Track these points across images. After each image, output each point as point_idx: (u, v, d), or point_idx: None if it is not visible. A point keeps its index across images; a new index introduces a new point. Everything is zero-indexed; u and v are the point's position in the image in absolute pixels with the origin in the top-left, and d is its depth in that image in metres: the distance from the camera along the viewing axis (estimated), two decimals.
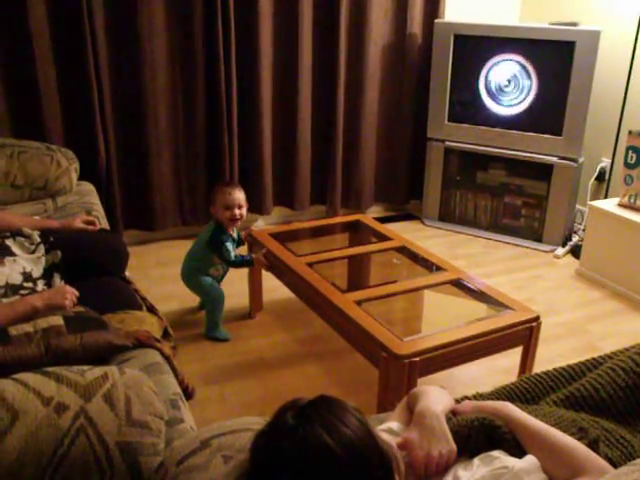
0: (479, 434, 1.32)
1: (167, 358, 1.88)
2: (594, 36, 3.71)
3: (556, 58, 3.89)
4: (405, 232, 4.20)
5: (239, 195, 2.95)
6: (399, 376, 2.09)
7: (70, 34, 3.41)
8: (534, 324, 2.37)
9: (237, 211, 2.93)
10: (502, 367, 2.79)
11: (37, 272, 2.15)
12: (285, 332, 3.09)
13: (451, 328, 2.27)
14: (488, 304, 2.54)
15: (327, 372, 2.78)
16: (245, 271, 3.18)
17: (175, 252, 3.90)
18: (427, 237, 4.33)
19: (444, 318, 2.66)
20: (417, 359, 2.10)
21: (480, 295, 2.60)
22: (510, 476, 1.19)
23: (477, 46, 4.13)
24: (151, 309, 2.27)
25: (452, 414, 1.40)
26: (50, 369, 1.36)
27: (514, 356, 2.50)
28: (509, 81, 4.08)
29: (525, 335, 2.37)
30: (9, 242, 2.18)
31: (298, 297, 2.81)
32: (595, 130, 4.12)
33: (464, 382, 2.74)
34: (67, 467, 1.20)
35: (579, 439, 1.30)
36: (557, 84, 3.91)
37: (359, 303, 2.43)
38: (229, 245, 2.94)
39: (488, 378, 2.74)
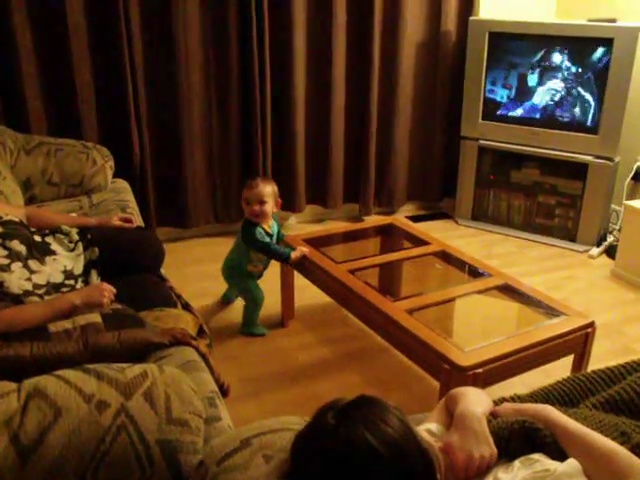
0: (520, 437, 1.30)
1: (203, 356, 1.89)
2: (633, 32, 3.65)
3: (593, 55, 3.84)
4: (438, 231, 4.19)
5: (261, 190, 2.86)
6: None
7: (105, 31, 3.44)
8: (589, 330, 2.32)
9: (256, 207, 2.86)
10: (541, 368, 2.74)
11: (78, 269, 2.17)
12: (318, 339, 3.05)
13: (511, 336, 2.21)
14: (540, 310, 2.48)
15: (362, 375, 2.78)
16: (277, 280, 3.14)
17: (208, 249, 3.93)
18: (460, 236, 4.30)
19: (498, 326, 2.59)
20: (480, 370, 2.03)
21: (530, 300, 2.54)
22: (552, 479, 1.17)
23: (512, 43, 4.09)
24: (186, 307, 2.28)
25: (492, 416, 1.39)
26: (90, 366, 1.37)
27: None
28: (544, 79, 4.03)
29: (581, 342, 2.33)
30: (49, 239, 2.21)
31: (341, 305, 2.77)
32: (632, 128, 4.05)
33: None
34: (108, 464, 1.21)
35: (621, 443, 1.28)
36: (594, 81, 3.86)
37: (410, 312, 2.36)
38: (260, 230, 2.89)
39: (524, 379, 2.70)
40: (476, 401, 1.38)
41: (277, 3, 3.79)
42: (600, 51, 3.78)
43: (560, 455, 1.26)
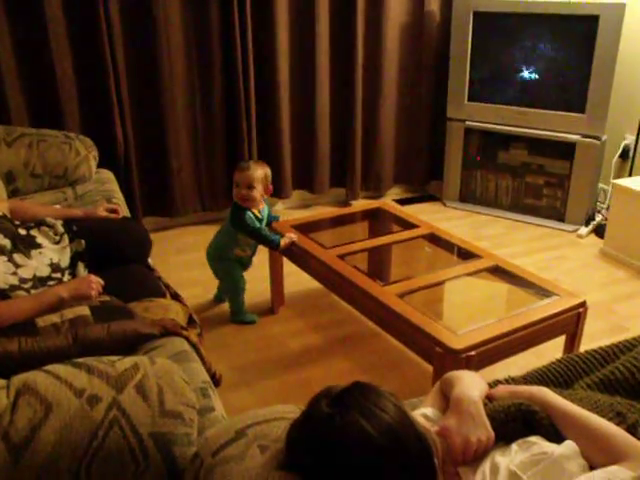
0: (516, 420, 1.29)
1: (194, 345, 1.87)
2: (619, 9, 3.63)
3: (579, 33, 3.82)
4: (426, 214, 4.18)
5: (251, 174, 2.79)
6: None
7: (85, 20, 3.38)
8: (581, 310, 2.32)
9: (244, 191, 2.80)
10: (533, 349, 2.74)
11: (64, 262, 2.14)
12: (309, 325, 3.04)
13: (503, 318, 2.20)
14: (531, 291, 2.47)
15: (355, 361, 2.77)
16: (266, 267, 3.11)
17: (195, 238, 3.90)
18: (448, 218, 4.29)
19: (490, 308, 2.57)
20: (473, 353, 2.02)
21: (521, 282, 2.53)
22: (550, 462, 1.17)
23: (497, 23, 4.06)
24: (175, 296, 2.26)
25: (488, 399, 1.38)
26: (80, 360, 1.35)
27: None
28: (530, 58, 4.01)
29: (573, 321, 2.32)
30: (34, 232, 2.17)
31: (331, 291, 2.75)
32: (618, 107, 4.04)
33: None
34: (102, 458, 1.20)
35: (617, 424, 1.28)
36: (580, 60, 3.84)
37: (401, 296, 2.34)
38: (251, 215, 2.84)
39: (517, 360, 2.70)
40: (472, 384, 1.37)
41: None
42: (586, 29, 3.76)
43: (557, 437, 1.26)
